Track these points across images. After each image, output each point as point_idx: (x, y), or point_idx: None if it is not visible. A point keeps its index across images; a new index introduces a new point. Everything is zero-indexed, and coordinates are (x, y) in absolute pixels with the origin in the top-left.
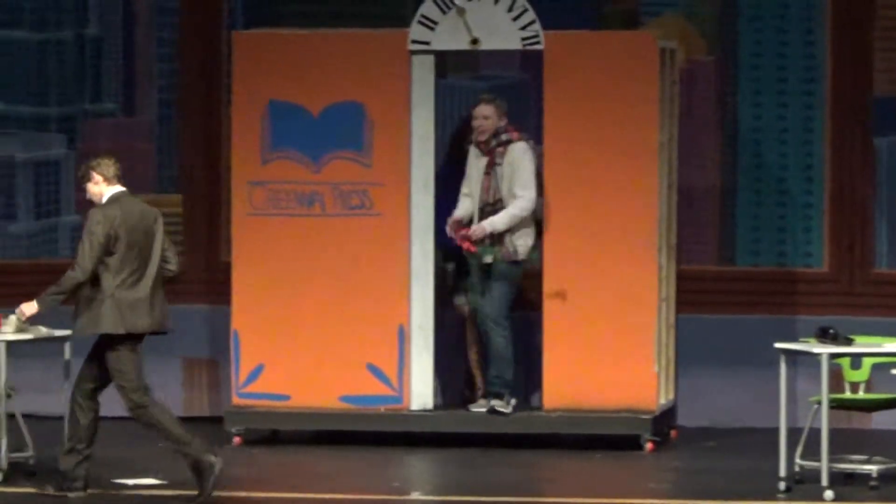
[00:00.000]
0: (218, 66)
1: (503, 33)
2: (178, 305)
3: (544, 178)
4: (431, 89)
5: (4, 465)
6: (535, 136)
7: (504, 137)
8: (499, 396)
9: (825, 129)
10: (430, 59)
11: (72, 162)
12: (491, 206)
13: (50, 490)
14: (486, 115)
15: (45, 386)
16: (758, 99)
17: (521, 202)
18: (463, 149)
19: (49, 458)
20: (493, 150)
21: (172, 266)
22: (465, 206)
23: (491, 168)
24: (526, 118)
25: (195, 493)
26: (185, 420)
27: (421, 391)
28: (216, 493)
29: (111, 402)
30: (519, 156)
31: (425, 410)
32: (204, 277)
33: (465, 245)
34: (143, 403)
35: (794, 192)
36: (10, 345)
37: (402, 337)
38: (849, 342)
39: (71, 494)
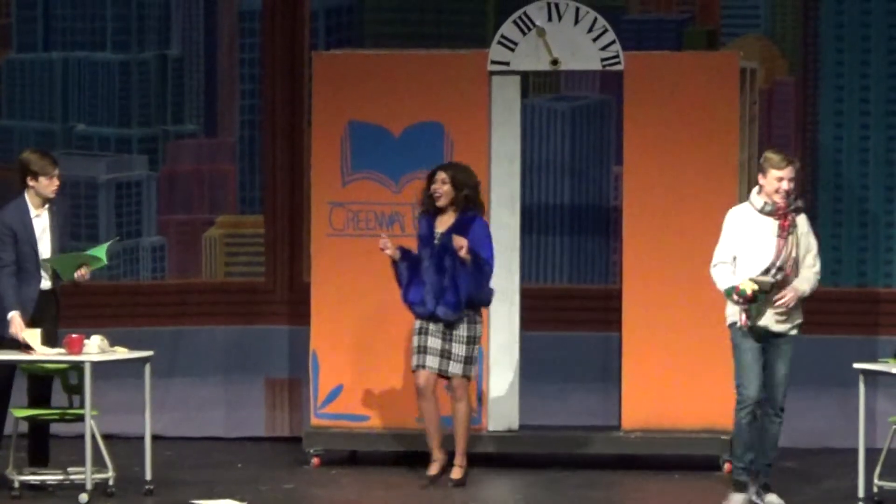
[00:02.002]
0: (300, 87)
1: (583, 54)
2: (261, 325)
3: (623, 198)
4: (517, 109)
5: (89, 486)
6: (616, 157)
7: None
8: (768, 488)
9: None
10: (514, 79)
11: (154, 183)
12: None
13: None
14: None
15: (125, 407)
16: (839, 119)
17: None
18: None
19: (129, 478)
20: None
21: None
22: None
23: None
24: (606, 138)
25: None
26: (268, 441)
27: (505, 412)
28: None
29: (197, 423)
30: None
31: (509, 431)
32: (286, 298)
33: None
34: None
35: (876, 213)
36: (93, 366)
37: (481, 357)
38: None
39: None
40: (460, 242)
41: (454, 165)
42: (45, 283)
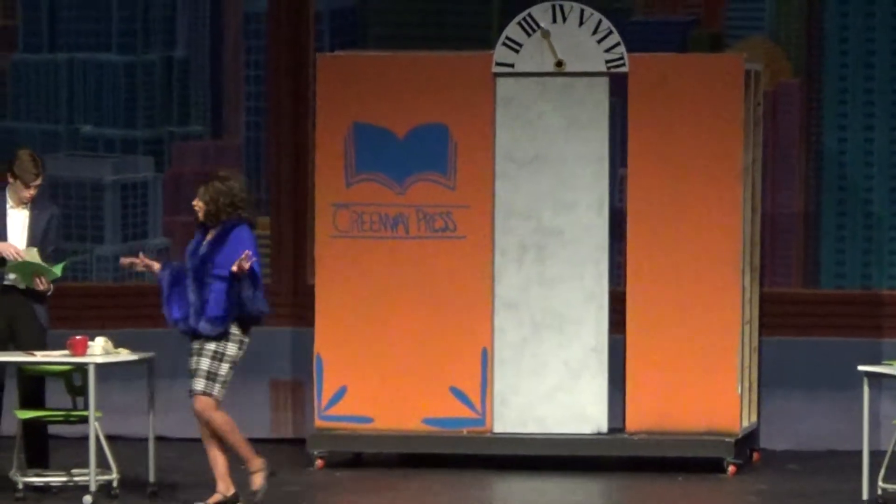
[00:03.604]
0: (305, 89)
1: (588, 56)
2: (266, 327)
3: (627, 200)
4: (605, 110)
5: (93, 487)
6: (620, 159)
7: None
8: None
9: None
10: (602, 80)
11: (159, 184)
12: None
13: None
14: None
15: (128, 408)
16: (843, 121)
17: None
18: None
19: (133, 480)
20: None
21: None
22: None
23: None
24: (611, 140)
25: None
26: (272, 442)
27: (594, 415)
28: None
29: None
30: None
31: (598, 434)
32: (290, 300)
33: None
34: None
35: (880, 215)
36: (97, 367)
37: (485, 359)
38: None
39: None
40: (237, 266)
41: (210, 178)
42: (13, 281)
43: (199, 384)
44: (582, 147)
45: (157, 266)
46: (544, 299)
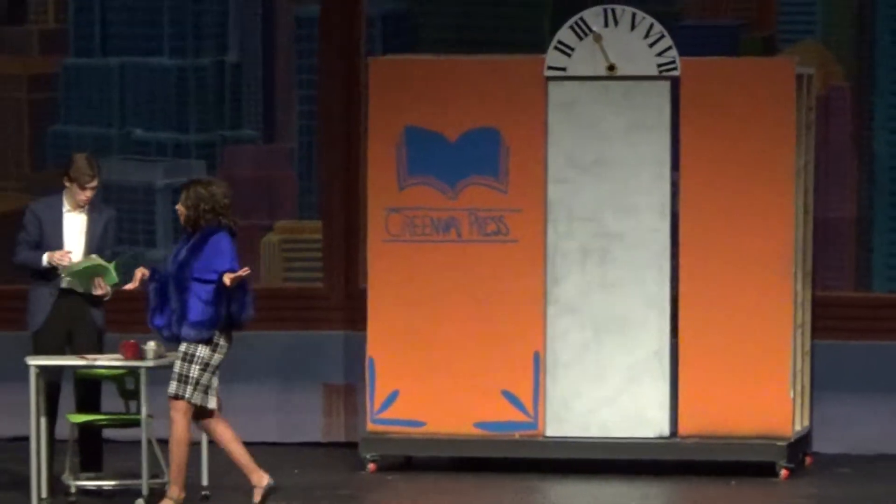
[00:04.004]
0: (357, 93)
1: (640, 59)
2: (318, 331)
3: (680, 203)
4: (667, 114)
5: (145, 491)
6: (672, 162)
7: None
8: None
9: None
10: (664, 85)
11: None
12: None
13: None
14: None
15: None
16: (894, 125)
17: None
18: None
19: (186, 484)
20: None
21: None
22: None
23: None
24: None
25: None
26: (324, 446)
27: (656, 418)
28: None
29: (254, 428)
30: None
31: (660, 438)
32: (342, 304)
33: None
34: None
35: None
36: (149, 371)
37: (538, 363)
38: None
39: None
40: (232, 280)
41: (189, 184)
42: (71, 283)
43: (171, 387)
44: (644, 150)
45: (146, 273)
46: (606, 303)
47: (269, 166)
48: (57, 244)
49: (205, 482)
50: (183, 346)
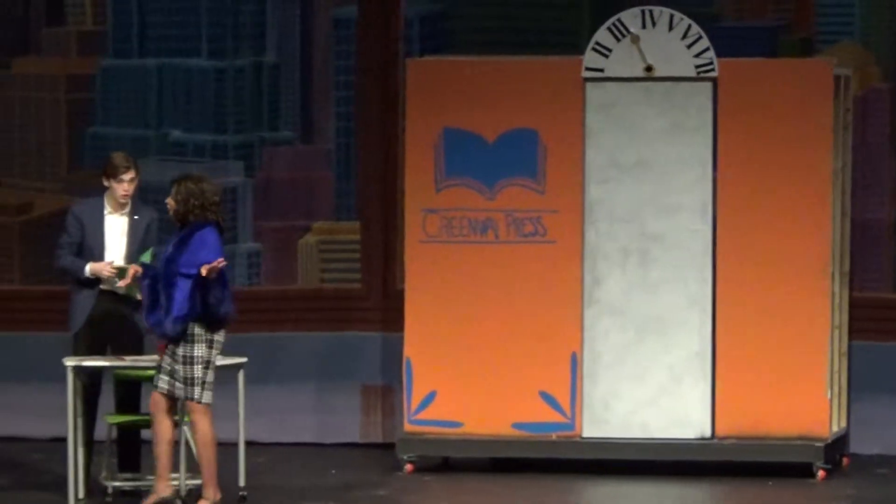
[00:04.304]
0: (395, 94)
1: (677, 60)
2: (356, 332)
3: (718, 204)
4: (709, 114)
5: (183, 492)
6: (712, 162)
7: None
8: None
9: None
10: (705, 86)
11: (249, 189)
12: None
13: None
14: None
15: (217, 413)
16: None
17: None
18: None
19: (223, 485)
20: None
21: None
22: None
23: None
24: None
25: None
26: (362, 447)
27: (697, 419)
28: None
29: (291, 429)
30: None
31: (702, 439)
32: (380, 304)
33: None
34: None
35: None
36: None
37: (575, 364)
38: None
39: None
40: (209, 270)
41: (180, 179)
42: (117, 285)
43: (181, 391)
44: (685, 151)
45: (139, 271)
46: (647, 304)
47: (306, 167)
48: (98, 246)
49: (241, 483)
50: (181, 349)
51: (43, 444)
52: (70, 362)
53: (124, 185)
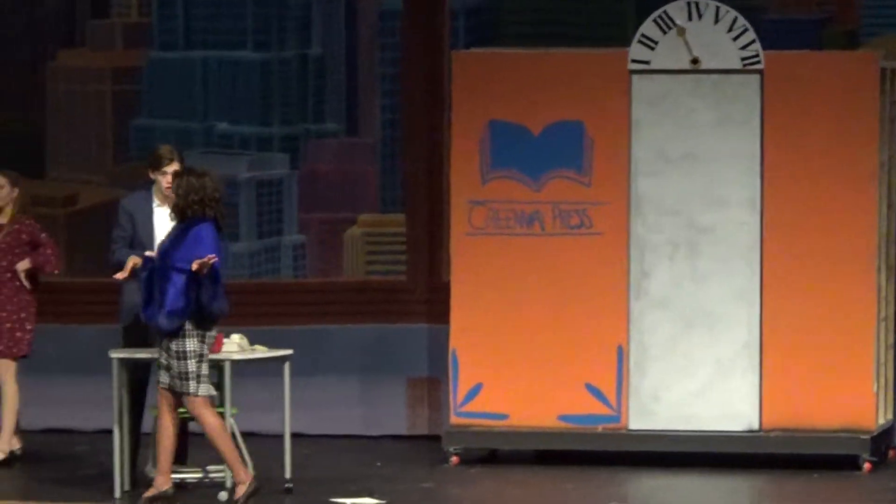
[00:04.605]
0: (441, 86)
1: (723, 53)
2: (401, 324)
3: (764, 196)
4: (757, 107)
5: (229, 484)
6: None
7: None
8: None
9: None
10: (753, 78)
11: (294, 181)
12: None
13: None
14: None
15: (264, 405)
16: None
17: None
18: None
19: (268, 477)
20: None
21: None
22: None
23: None
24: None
25: None
26: (408, 439)
27: (745, 411)
28: None
29: (337, 421)
30: None
31: (749, 431)
32: (426, 297)
33: None
34: None
35: None
36: (232, 364)
37: (621, 357)
38: None
39: None
40: (200, 265)
41: (183, 172)
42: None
43: (179, 385)
44: (734, 144)
45: (139, 262)
46: (695, 297)
47: (351, 160)
48: (148, 239)
49: (287, 475)
50: (173, 345)
51: (89, 436)
52: (116, 354)
53: (168, 177)
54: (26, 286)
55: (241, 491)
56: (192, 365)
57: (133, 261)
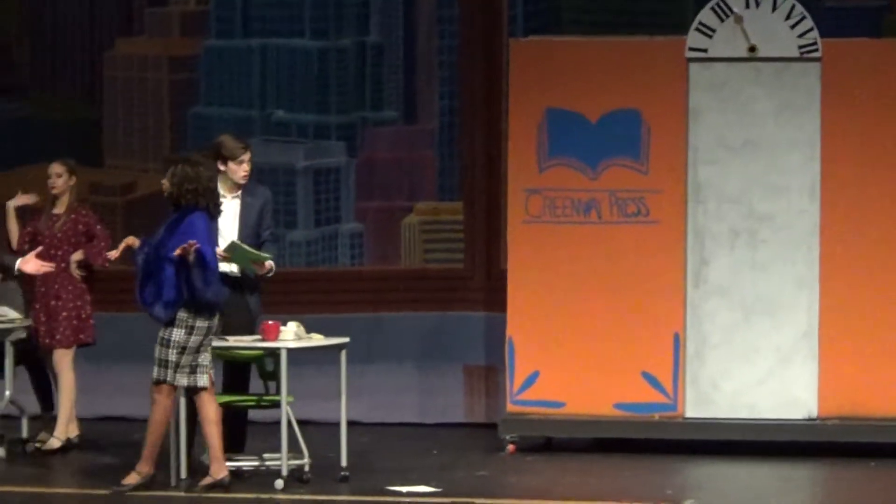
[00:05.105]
0: (499, 74)
1: (781, 41)
2: (459, 312)
3: (821, 185)
4: (817, 96)
5: (284, 472)
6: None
7: None
8: None
9: None
10: (814, 67)
11: (352, 170)
12: None
13: None
14: None
15: (320, 393)
16: None
17: None
18: None
19: (324, 465)
20: None
21: None
22: None
23: None
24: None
25: (467, 500)
26: (465, 427)
27: (805, 400)
28: (484, 501)
29: (393, 409)
30: None
31: (808, 419)
32: (483, 285)
33: None
34: None
35: None
36: (289, 352)
37: (678, 345)
38: None
39: None
40: (182, 250)
41: (178, 161)
42: (231, 268)
43: (154, 371)
44: (793, 132)
45: (136, 242)
46: (755, 285)
47: (409, 147)
48: (217, 230)
49: (343, 463)
50: (161, 331)
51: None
52: None
53: (244, 167)
54: (78, 275)
55: (132, 479)
56: (172, 354)
57: (127, 241)
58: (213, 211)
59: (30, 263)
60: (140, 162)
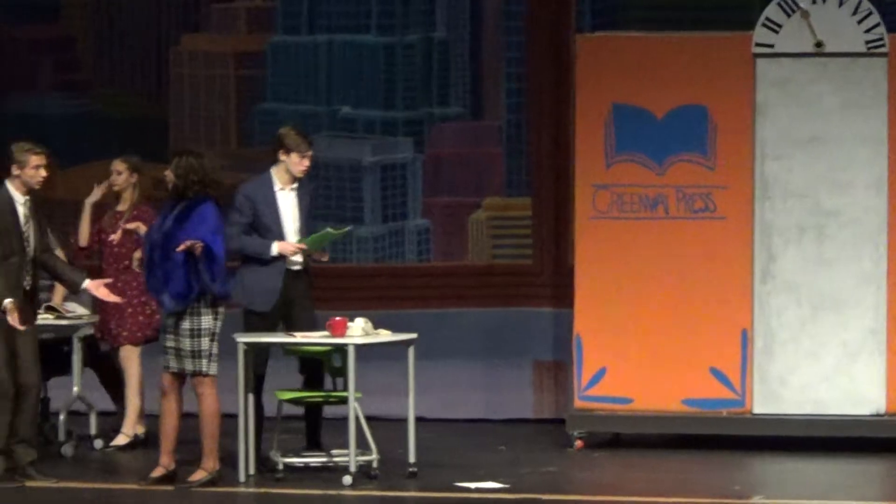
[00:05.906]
0: (566, 70)
1: (847, 36)
2: (527, 308)
3: (888, 179)
4: (884, 91)
5: (353, 468)
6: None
7: None
8: None
9: None
10: (881, 62)
11: (419, 165)
12: None
13: None
14: None
15: (388, 389)
16: None
17: None
18: None
19: (393, 461)
20: None
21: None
22: None
23: None
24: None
25: (534, 497)
26: (533, 422)
27: (872, 396)
28: (552, 497)
29: (461, 406)
30: None
31: (877, 415)
32: (551, 280)
33: None
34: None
35: None
36: (356, 348)
37: (745, 341)
38: None
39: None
40: (185, 245)
41: (182, 153)
42: (296, 259)
43: (189, 364)
44: (860, 127)
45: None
46: (823, 280)
47: (476, 143)
48: (276, 224)
49: (411, 459)
50: (186, 323)
51: None
52: (241, 339)
53: (306, 162)
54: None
55: (197, 476)
56: (205, 343)
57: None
58: (219, 200)
59: (100, 290)
60: None
